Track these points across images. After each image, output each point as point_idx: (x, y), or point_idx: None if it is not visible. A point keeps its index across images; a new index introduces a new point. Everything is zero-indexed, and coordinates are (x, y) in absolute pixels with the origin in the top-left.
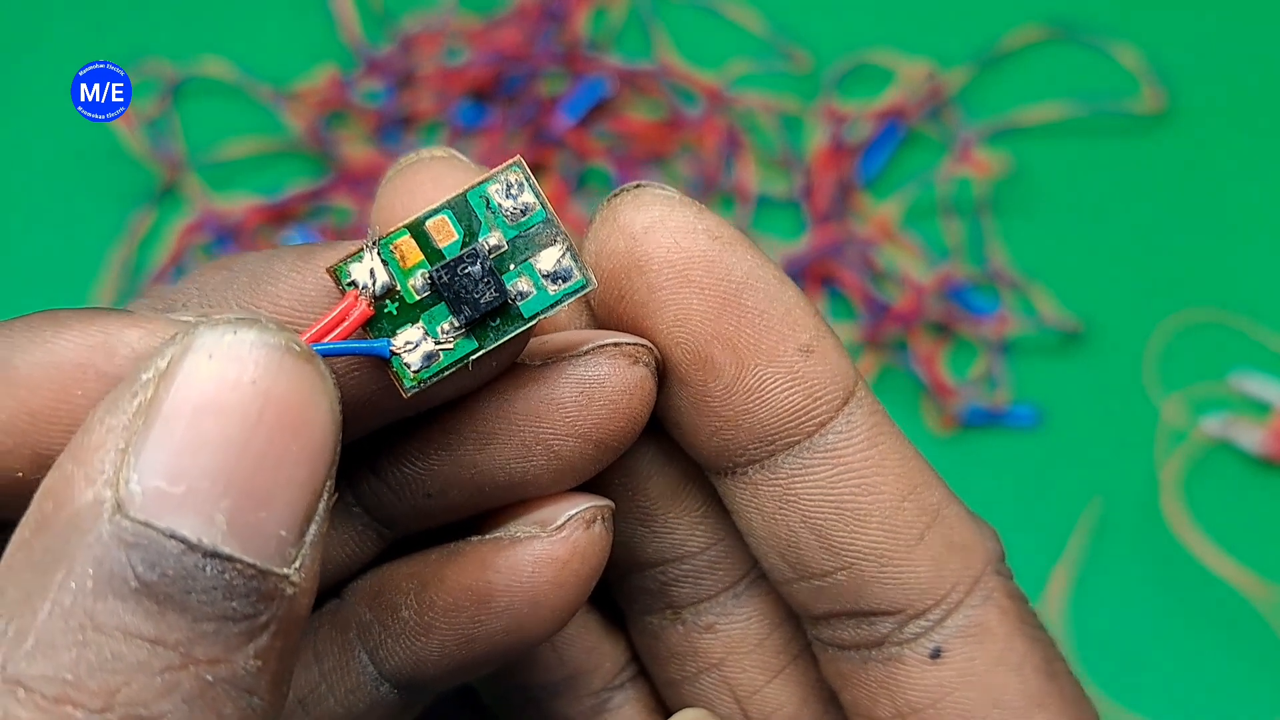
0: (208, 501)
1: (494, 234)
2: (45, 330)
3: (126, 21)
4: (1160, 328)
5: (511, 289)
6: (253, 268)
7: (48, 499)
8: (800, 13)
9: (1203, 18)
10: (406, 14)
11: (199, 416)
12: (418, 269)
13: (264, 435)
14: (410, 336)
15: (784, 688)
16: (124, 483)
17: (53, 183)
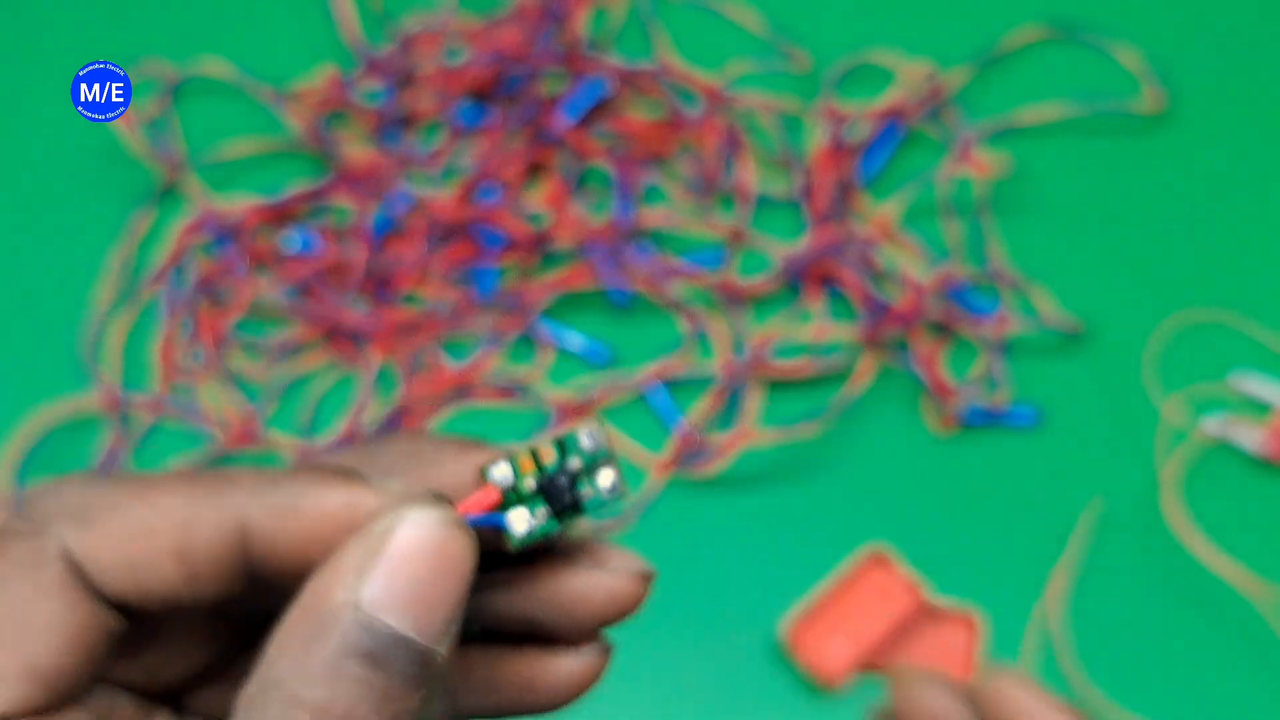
0: (405, 608)
1: (575, 460)
2: (321, 486)
3: (126, 21)
4: (1160, 328)
5: (582, 494)
6: (430, 452)
7: (314, 594)
8: (800, 13)
9: (1203, 18)
10: (406, 14)
11: (405, 559)
12: (530, 475)
13: (437, 572)
14: (519, 515)
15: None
16: (360, 592)
17: (53, 182)
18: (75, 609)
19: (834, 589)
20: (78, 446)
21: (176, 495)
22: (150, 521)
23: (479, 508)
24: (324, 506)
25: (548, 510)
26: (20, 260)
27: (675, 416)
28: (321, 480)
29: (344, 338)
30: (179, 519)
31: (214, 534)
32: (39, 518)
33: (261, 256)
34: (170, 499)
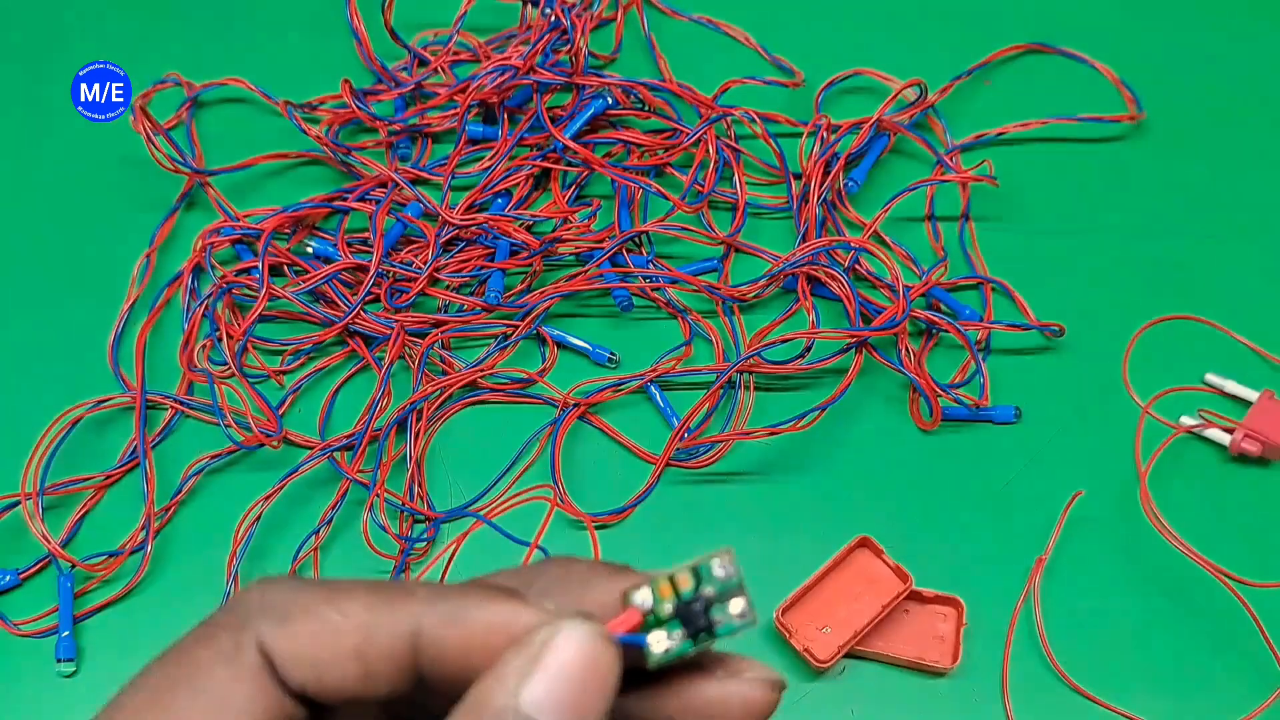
0: (559, 713)
1: (709, 588)
2: (486, 601)
3: (150, 37)
4: (1138, 330)
5: (715, 619)
6: (582, 576)
7: (478, 698)
8: (793, 31)
9: (1176, 35)
10: (418, 31)
11: (561, 668)
12: (668, 600)
13: (589, 681)
14: (658, 636)
15: None
16: (520, 695)
17: (79, 191)
18: (265, 695)
19: (823, 576)
20: (102, 444)
21: (360, 602)
22: (337, 624)
23: (623, 628)
24: (488, 618)
25: (684, 633)
26: (48, 265)
27: (673, 414)
28: (486, 595)
29: (358, 339)
30: (361, 623)
31: (390, 639)
32: (242, 613)
33: (279, 262)
34: (355, 605)
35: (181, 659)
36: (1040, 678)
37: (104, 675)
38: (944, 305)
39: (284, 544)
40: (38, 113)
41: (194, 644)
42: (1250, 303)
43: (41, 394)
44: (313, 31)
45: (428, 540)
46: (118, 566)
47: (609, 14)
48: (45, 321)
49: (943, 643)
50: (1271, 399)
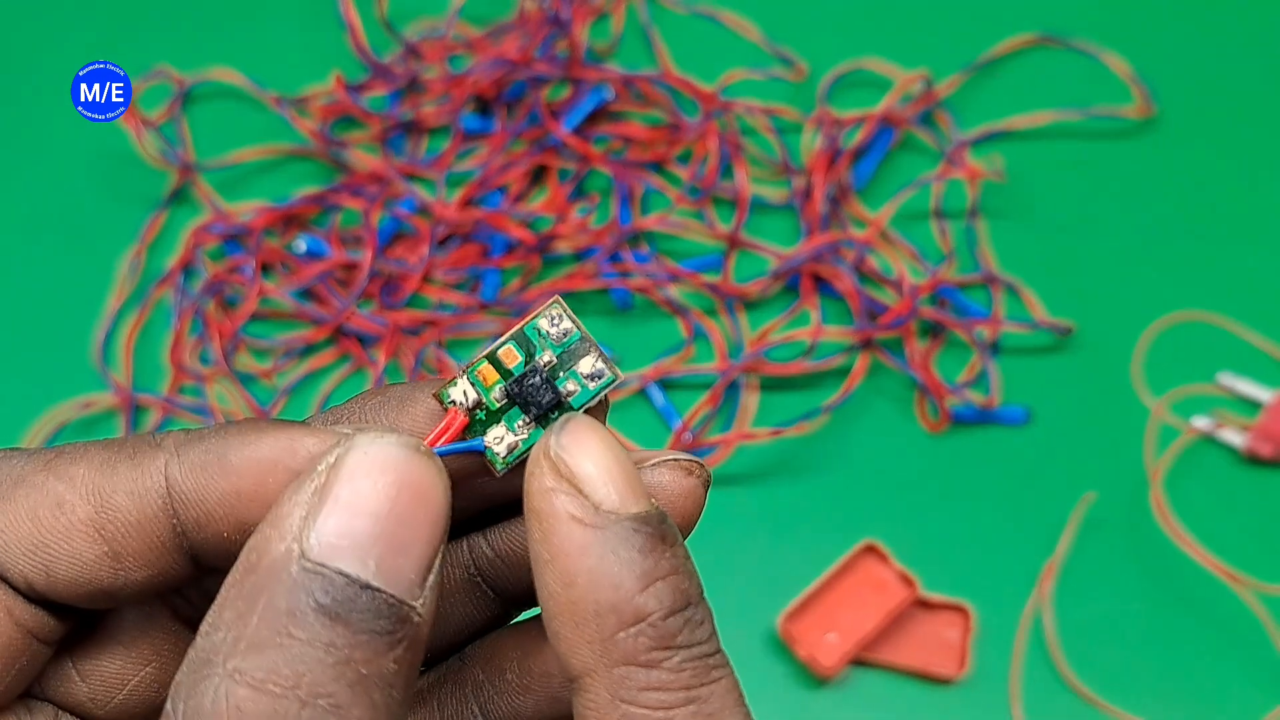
0: (364, 551)
1: (546, 353)
2: (250, 434)
3: (139, 29)
4: (1149, 329)
5: (563, 390)
6: (399, 394)
7: (252, 551)
8: (796, 22)
9: (1189, 26)
10: (411, 23)
11: (356, 495)
12: (496, 385)
13: (400, 508)
14: (497, 434)
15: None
16: (306, 538)
17: (66, 187)
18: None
19: (829, 583)
20: None
21: (90, 464)
22: (59, 494)
23: (448, 437)
24: (257, 454)
25: (527, 420)
26: (34, 262)
27: (674, 415)
28: (250, 428)
29: (350, 338)
30: (93, 488)
31: (136, 503)
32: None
33: (269, 259)
34: (82, 468)
35: None
36: (1051, 685)
37: None
38: (952, 304)
39: None
40: (24, 107)
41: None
42: (1264, 301)
43: (27, 394)
44: (304, 23)
45: None
46: None
47: (607, 5)
48: (31, 320)
49: (950, 650)
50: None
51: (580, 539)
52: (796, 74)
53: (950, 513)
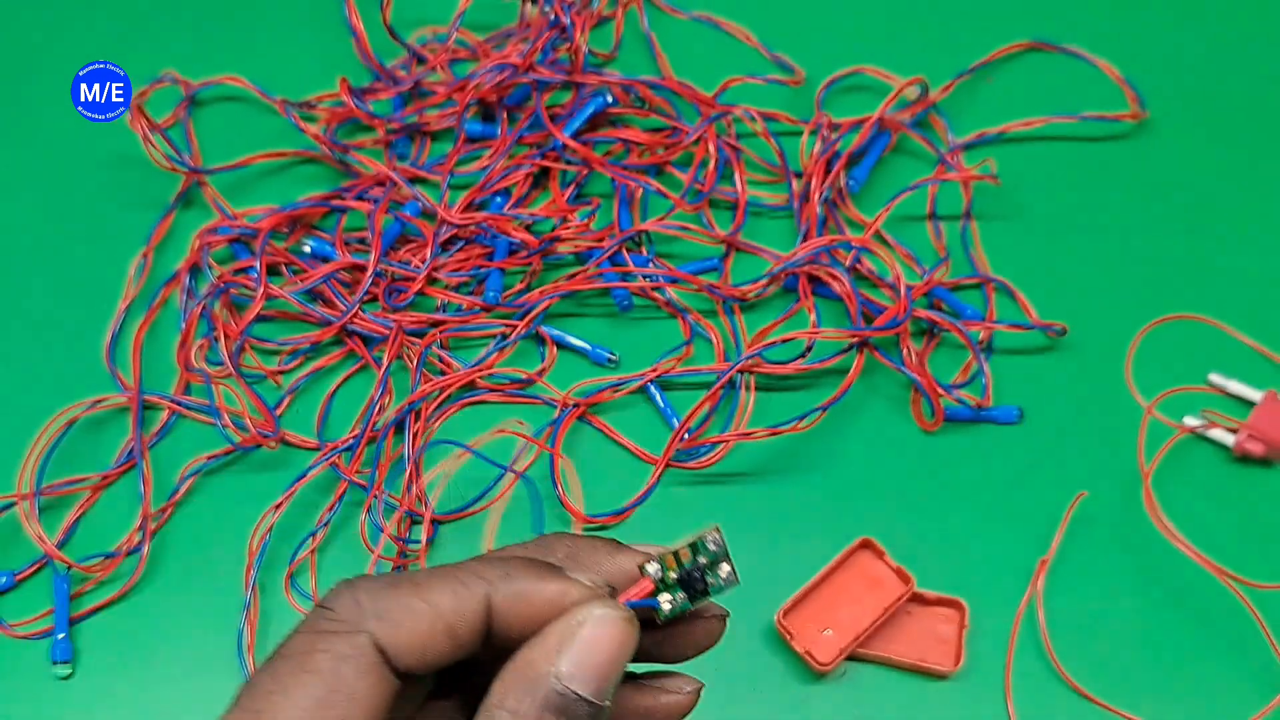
0: (587, 680)
1: (703, 558)
2: (540, 579)
3: (147, 35)
4: (1141, 330)
5: (708, 582)
6: (587, 551)
7: (526, 660)
8: (794, 29)
9: (1179, 31)
10: (415, 29)
11: (590, 645)
12: (673, 570)
13: (611, 655)
14: (665, 597)
15: None
16: (559, 665)
17: (75, 190)
18: (381, 684)
19: (825, 578)
20: (98, 444)
21: (444, 591)
22: (431, 614)
23: (639, 594)
24: (545, 594)
25: (685, 595)
26: (45, 264)
27: (673, 415)
28: (541, 574)
29: (355, 339)
30: (448, 609)
31: (473, 616)
32: (350, 619)
33: (276, 261)
34: (440, 595)
35: (308, 664)
36: (1043, 680)
37: (100, 677)
38: (946, 305)
39: (284, 544)
40: (33, 111)
41: (313, 650)
42: (1254, 302)
43: (37, 394)
44: (310, 29)
45: (426, 541)
46: (114, 568)
47: (608, 11)
48: (41, 321)
49: (945, 645)
50: (1275, 399)
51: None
52: (794, 80)
53: (945, 510)
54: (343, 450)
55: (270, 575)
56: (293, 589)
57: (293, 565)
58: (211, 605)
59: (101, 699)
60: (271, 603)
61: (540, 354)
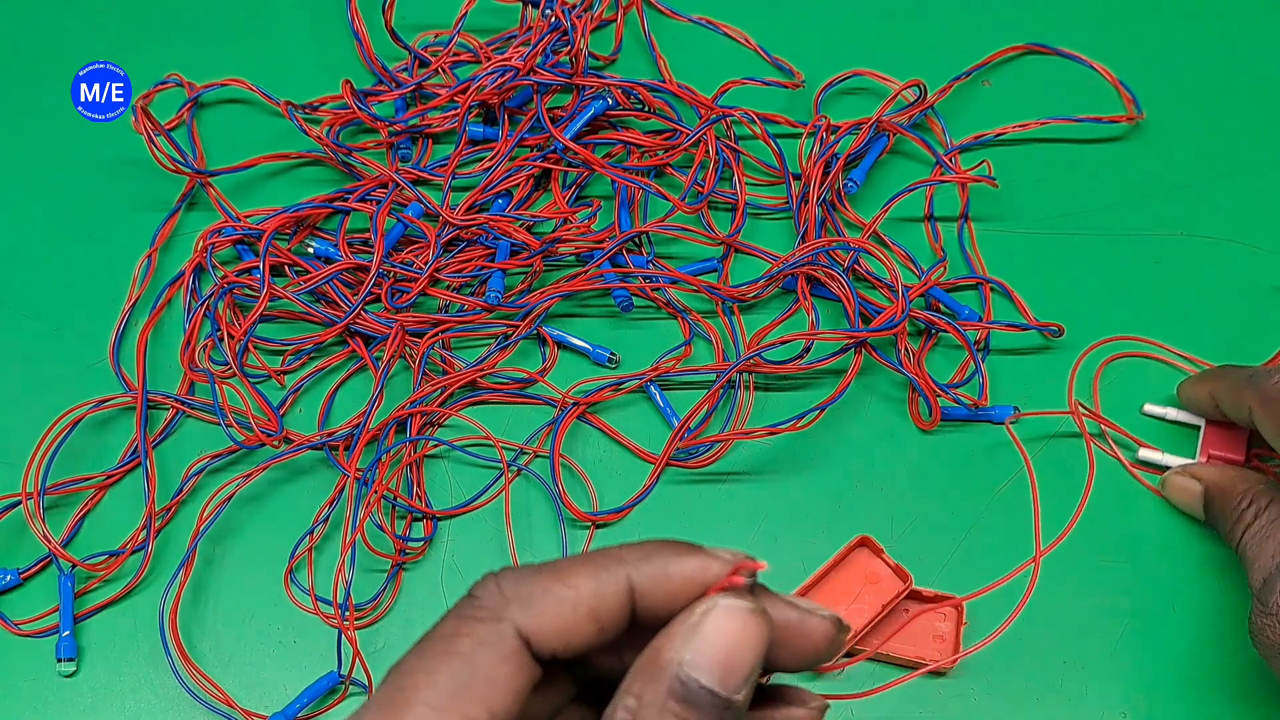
0: (711, 670)
1: None
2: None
3: (152, 38)
4: (1100, 350)
5: None
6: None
7: (654, 650)
8: (793, 32)
9: (1174, 33)
10: (418, 33)
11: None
12: None
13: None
14: None
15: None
16: (684, 654)
17: (79, 193)
18: (522, 669)
19: (824, 576)
20: (103, 444)
21: (585, 575)
22: (573, 599)
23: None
24: (686, 570)
25: None
26: (50, 265)
27: (673, 414)
28: (679, 551)
29: (358, 339)
30: (590, 593)
31: (615, 598)
32: (493, 606)
33: (280, 262)
34: (581, 579)
35: (450, 649)
36: (1039, 677)
37: (104, 675)
38: (943, 305)
39: (283, 541)
40: (38, 113)
41: (457, 634)
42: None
43: (43, 394)
44: (313, 32)
45: (426, 540)
46: (118, 566)
47: (609, 15)
48: (47, 321)
49: (943, 642)
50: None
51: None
52: (793, 82)
53: (942, 508)
54: (322, 444)
55: (224, 549)
56: (292, 584)
57: (292, 561)
58: (215, 602)
59: (105, 697)
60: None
61: (541, 354)
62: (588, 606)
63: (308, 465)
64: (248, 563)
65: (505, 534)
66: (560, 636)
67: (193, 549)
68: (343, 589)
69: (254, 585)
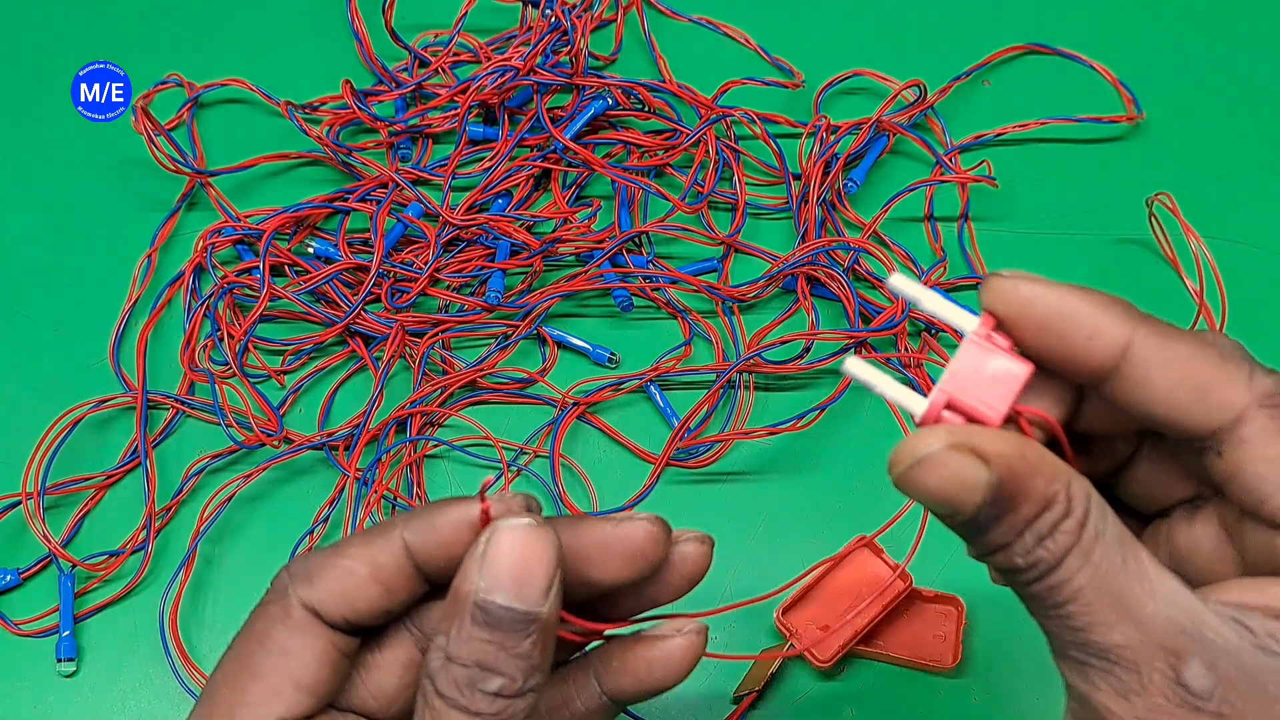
0: (507, 588)
1: None
2: (445, 507)
3: (152, 39)
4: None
5: None
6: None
7: (453, 590)
8: (793, 32)
9: (1174, 34)
10: (418, 33)
11: (501, 554)
12: None
13: (524, 559)
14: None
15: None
16: (478, 583)
17: (79, 193)
18: (316, 637)
19: (825, 576)
20: (103, 444)
21: (359, 545)
22: (348, 566)
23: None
24: (451, 518)
25: None
26: (50, 265)
27: (673, 414)
28: (445, 504)
29: (358, 339)
30: (365, 557)
31: (391, 558)
32: (280, 587)
33: (280, 262)
34: (358, 548)
35: (249, 632)
36: (1041, 675)
37: (104, 675)
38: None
39: (283, 541)
40: (39, 113)
41: (253, 620)
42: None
43: (43, 394)
44: (313, 32)
45: None
46: (119, 566)
47: (609, 15)
48: (47, 321)
49: (943, 642)
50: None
51: None
52: (793, 82)
53: None
54: (320, 444)
55: (224, 549)
56: None
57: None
58: (216, 600)
59: (105, 697)
60: (221, 576)
61: (541, 354)
62: (366, 571)
63: (308, 465)
64: (248, 563)
65: None
66: (345, 602)
67: (193, 549)
68: None
69: (254, 585)
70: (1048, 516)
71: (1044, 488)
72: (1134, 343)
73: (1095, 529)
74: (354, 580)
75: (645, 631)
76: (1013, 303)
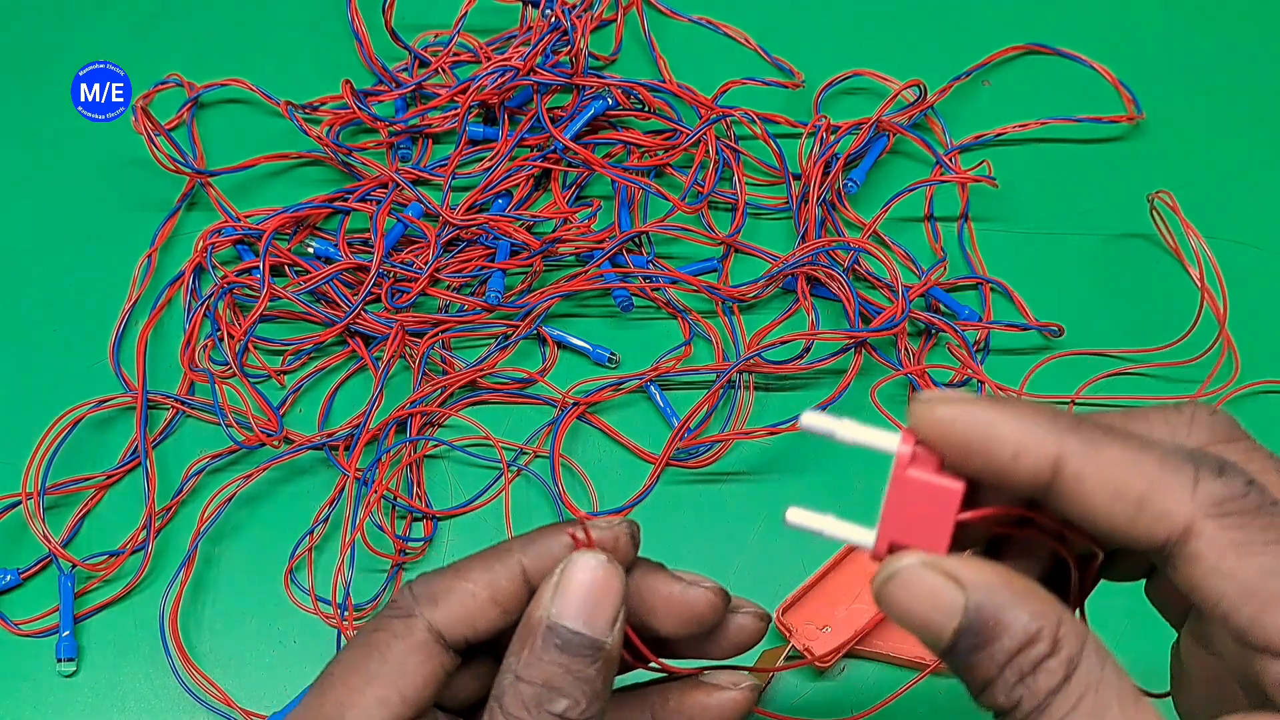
0: (577, 616)
1: None
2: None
3: (152, 39)
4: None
5: None
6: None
7: (527, 615)
8: (793, 32)
9: (1174, 35)
10: (418, 33)
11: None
12: None
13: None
14: None
15: None
16: (550, 609)
17: (79, 193)
18: (432, 659)
19: (823, 577)
20: (103, 444)
21: (480, 569)
22: (471, 590)
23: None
24: (564, 545)
25: None
26: (50, 265)
27: (673, 414)
28: (557, 529)
29: (358, 339)
30: (486, 581)
31: (511, 584)
32: (405, 606)
33: (280, 262)
34: (478, 571)
35: (370, 640)
36: None
37: (105, 675)
38: (943, 305)
39: (283, 541)
40: (38, 113)
41: (375, 628)
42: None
43: (43, 393)
44: (313, 32)
45: (425, 540)
46: (119, 566)
47: (609, 15)
48: (46, 321)
49: None
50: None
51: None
52: (793, 82)
53: None
54: (321, 444)
55: (224, 549)
56: (292, 584)
57: (292, 561)
58: (216, 600)
59: (105, 697)
60: (221, 576)
61: (541, 354)
62: (487, 594)
63: (308, 465)
64: (248, 563)
65: (505, 534)
66: (466, 624)
67: (193, 549)
68: (342, 589)
69: (254, 585)
70: (1030, 653)
71: (1026, 621)
72: (1063, 455)
73: (1088, 675)
74: (476, 603)
75: (704, 678)
76: (932, 428)
